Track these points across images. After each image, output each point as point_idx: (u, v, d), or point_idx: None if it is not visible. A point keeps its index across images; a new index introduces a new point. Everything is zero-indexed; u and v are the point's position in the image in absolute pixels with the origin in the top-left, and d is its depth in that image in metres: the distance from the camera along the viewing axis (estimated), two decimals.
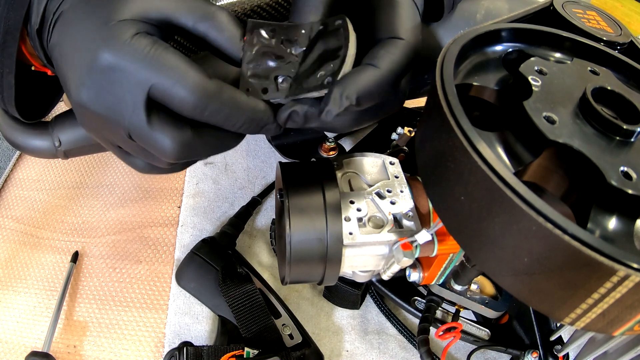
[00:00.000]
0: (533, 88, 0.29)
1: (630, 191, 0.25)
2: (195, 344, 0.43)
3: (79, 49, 0.28)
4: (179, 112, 0.29)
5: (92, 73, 0.28)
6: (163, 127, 0.29)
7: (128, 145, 0.31)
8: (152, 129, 0.29)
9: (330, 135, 0.57)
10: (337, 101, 0.29)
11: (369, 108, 0.32)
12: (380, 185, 0.38)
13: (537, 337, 0.42)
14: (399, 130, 0.52)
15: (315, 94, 0.30)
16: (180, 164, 0.34)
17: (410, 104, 0.64)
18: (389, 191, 0.38)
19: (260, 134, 0.32)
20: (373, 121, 0.34)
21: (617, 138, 0.28)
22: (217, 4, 0.38)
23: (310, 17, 0.33)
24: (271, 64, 0.32)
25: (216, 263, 0.47)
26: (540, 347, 0.42)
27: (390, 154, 0.43)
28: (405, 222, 0.36)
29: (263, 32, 0.32)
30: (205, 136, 0.31)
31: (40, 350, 0.43)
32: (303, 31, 0.32)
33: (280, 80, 0.31)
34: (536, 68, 0.31)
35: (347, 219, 0.36)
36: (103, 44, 0.27)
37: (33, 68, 0.35)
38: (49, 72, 0.36)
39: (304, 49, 0.32)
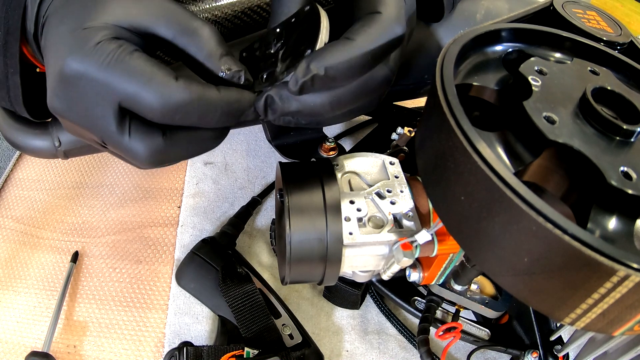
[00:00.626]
0: (533, 88, 0.29)
1: (630, 191, 0.25)
2: (195, 344, 0.43)
3: (52, 57, 0.28)
4: (150, 119, 0.28)
5: (62, 82, 0.27)
6: (135, 136, 0.28)
7: (109, 149, 0.31)
8: (124, 138, 0.28)
9: (330, 135, 0.57)
10: (302, 69, 0.28)
11: (350, 88, 0.31)
12: (380, 185, 0.38)
13: (537, 337, 0.42)
14: (399, 130, 0.52)
15: None
16: None
17: (410, 104, 0.64)
18: (389, 191, 0.38)
19: (240, 121, 0.31)
20: (356, 104, 0.33)
21: (617, 138, 0.28)
22: (218, 3, 0.38)
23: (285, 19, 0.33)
24: (255, 66, 0.32)
25: (216, 263, 0.47)
26: (540, 347, 0.42)
27: (390, 154, 0.43)
28: (405, 222, 0.36)
29: (253, 50, 0.33)
30: (180, 140, 0.30)
31: (40, 350, 0.43)
32: (278, 30, 0.33)
33: (265, 75, 0.31)
34: (536, 68, 0.31)
35: (347, 219, 0.36)
36: (69, 52, 0.27)
37: (38, 70, 0.35)
38: None
39: (282, 42, 0.32)
